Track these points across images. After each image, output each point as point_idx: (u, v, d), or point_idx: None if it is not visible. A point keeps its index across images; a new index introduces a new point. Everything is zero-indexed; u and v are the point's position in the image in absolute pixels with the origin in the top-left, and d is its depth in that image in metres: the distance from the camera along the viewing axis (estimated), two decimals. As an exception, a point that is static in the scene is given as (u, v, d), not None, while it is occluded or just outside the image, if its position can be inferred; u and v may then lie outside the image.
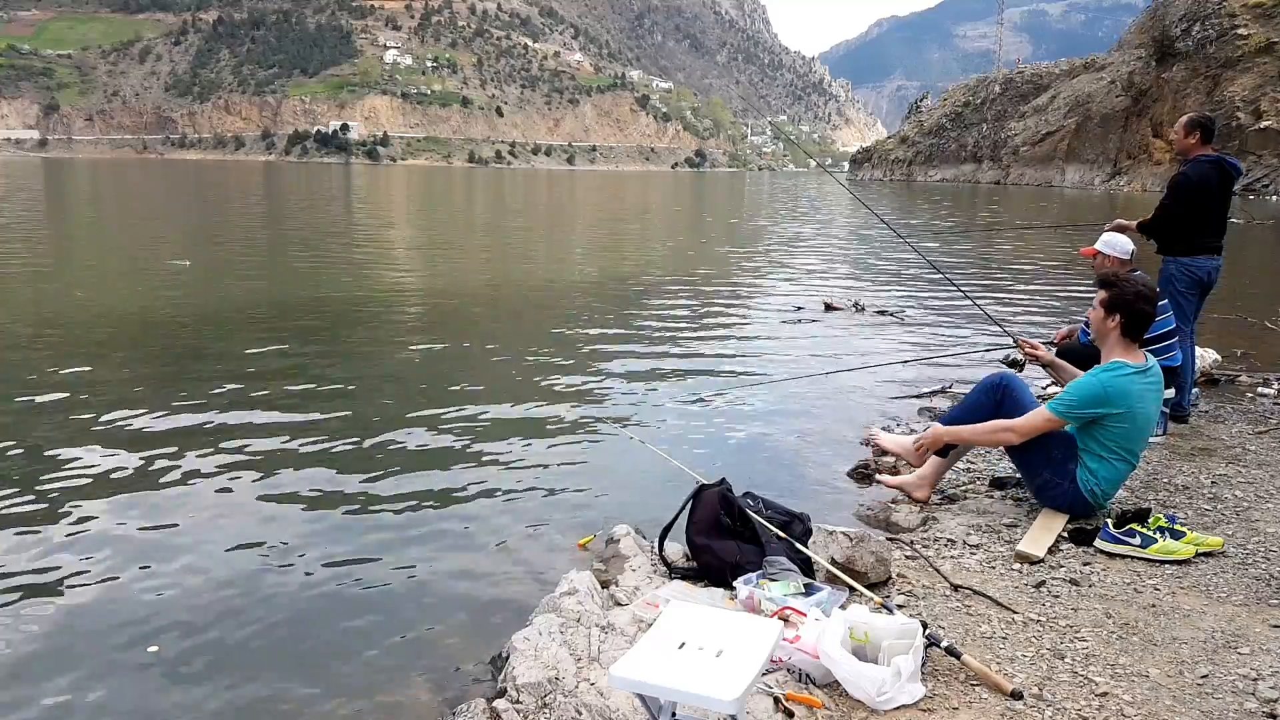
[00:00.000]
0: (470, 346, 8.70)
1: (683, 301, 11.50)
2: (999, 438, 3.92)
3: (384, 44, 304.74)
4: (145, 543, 4.00)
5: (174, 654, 3.13)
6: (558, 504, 4.51)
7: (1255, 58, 60.74)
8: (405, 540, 4.07)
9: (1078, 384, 3.81)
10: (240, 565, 3.80)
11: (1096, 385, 3.73)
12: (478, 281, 13.86)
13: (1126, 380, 3.73)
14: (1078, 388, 3.78)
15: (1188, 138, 5.55)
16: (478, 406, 6.26)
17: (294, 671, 3.06)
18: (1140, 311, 3.81)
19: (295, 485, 4.69)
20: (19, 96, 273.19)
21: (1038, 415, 3.82)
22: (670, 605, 2.46)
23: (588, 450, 5.37)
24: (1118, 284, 3.88)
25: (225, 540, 4.03)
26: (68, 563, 3.78)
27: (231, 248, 17.87)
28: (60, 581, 3.63)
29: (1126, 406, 3.72)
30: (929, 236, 23.75)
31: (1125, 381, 3.73)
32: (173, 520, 4.22)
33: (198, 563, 3.81)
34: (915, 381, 7.09)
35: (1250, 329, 9.31)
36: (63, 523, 4.16)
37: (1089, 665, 2.70)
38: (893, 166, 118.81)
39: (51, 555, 3.85)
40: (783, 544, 3.36)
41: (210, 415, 5.82)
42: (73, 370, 7.04)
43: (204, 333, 8.89)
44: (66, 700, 2.88)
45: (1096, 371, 3.82)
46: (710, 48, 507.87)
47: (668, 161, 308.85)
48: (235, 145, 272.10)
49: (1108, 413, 3.71)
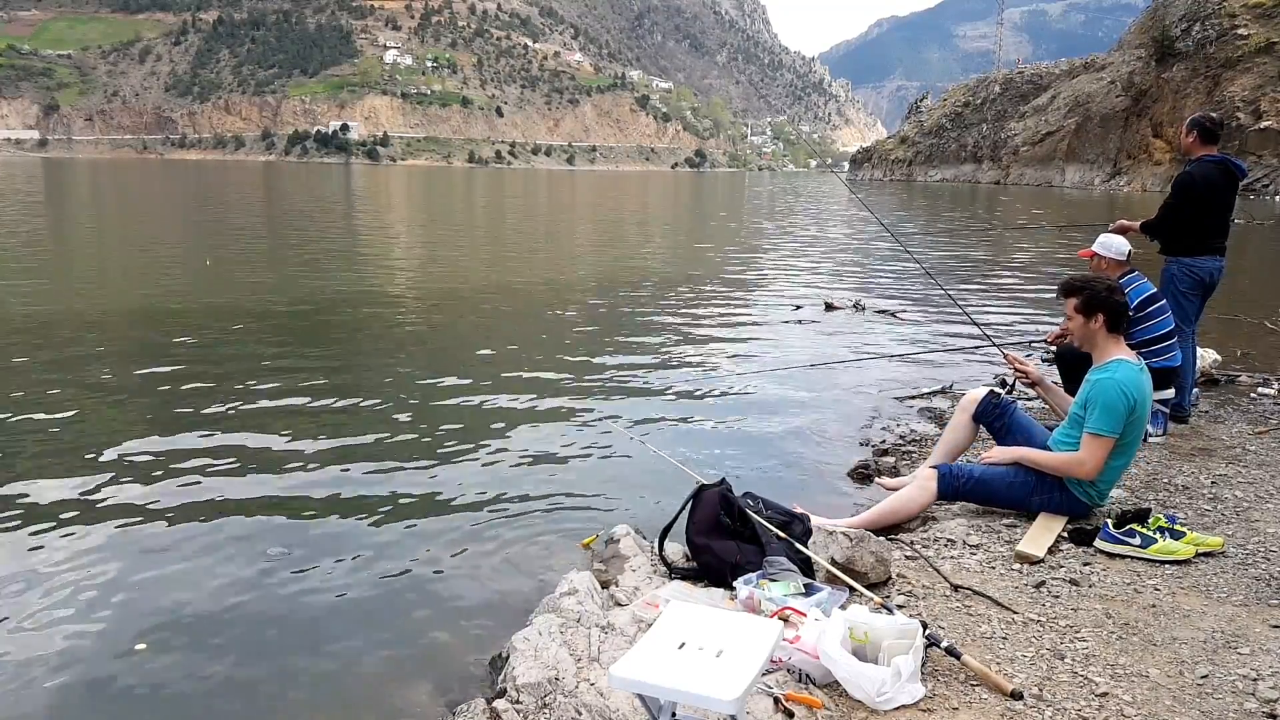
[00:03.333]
0: (469, 347, 8.70)
1: (683, 302, 11.50)
2: (1072, 471, 3.78)
3: (384, 44, 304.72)
4: (144, 542, 4.00)
5: (173, 653, 3.13)
6: (558, 504, 4.51)
7: (1255, 58, 60.70)
8: (405, 540, 4.07)
9: (1103, 394, 3.69)
10: (239, 565, 3.80)
11: (1119, 388, 3.66)
12: (477, 282, 13.86)
13: (1139, 376, 3.74)
14: (1107, 401, 3.67)
15: (1187, 137, 5.56)
16: (478, 407, 6.26)
17: (293, 671, 3.06)
18: (1117, 303, 3.82)
19: (294, 485, 4.69)
20: (19, 96, 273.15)
21: (1098, 445, 3.69)
22: (670, 605, 2.46)
23: (588, 450, 5.37)
24: (1085, 286, 3.87)
25: (224, 540, 4.03)
26: (66, 560, 3.78)
27: (236, 249, 17.85)
28: (58, 579, 3.62)
29: (1143, 401, 3.72)
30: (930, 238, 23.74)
31: (1139, 378, 3.73)
32: (171, 520, 4.22)
33: (196, 562, 3.81)
34: (915, 381, 7.09)
35: (1250, 329, 9.31)
36: (62, 521, 4.16)
37: (1089, 665, 2.70)
38: (893, 166, 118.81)
39: (50, 552, 3.85)
40: (783, 544, 3.36)
41: (210, 415, 5.82)
42: (74, 370, 7.05)
43: (205, 333, 8.88)
44: (60, 699, 2.88)
45: (1102, 377, 3.75)
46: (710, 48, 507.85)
47: (668, 161, 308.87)
48: (235, 145, 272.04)
49: (1133, 411, 3.67)
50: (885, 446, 5.49)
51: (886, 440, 5.62)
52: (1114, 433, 3.68)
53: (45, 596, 3.51)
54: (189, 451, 5.13)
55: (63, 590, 3.55)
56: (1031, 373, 4.58)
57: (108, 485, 4.62)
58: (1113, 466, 3.80)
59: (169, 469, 4.86)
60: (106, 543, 3.98)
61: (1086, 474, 3.74)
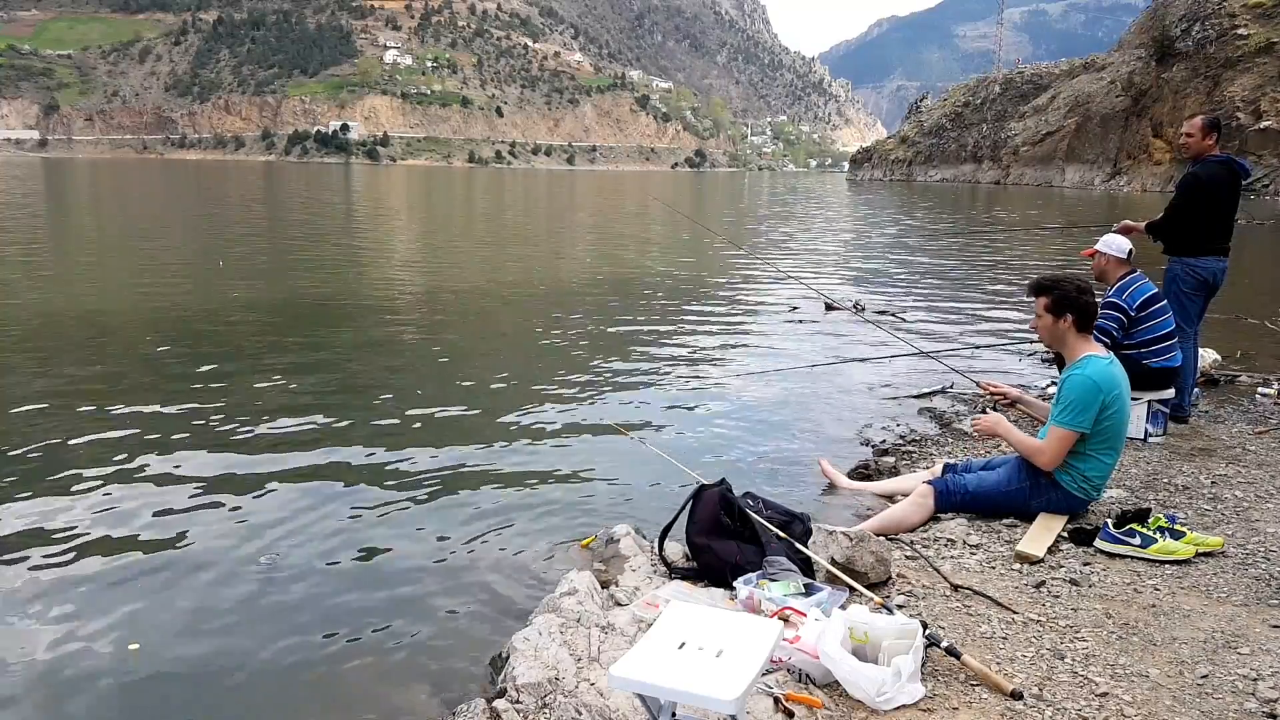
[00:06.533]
0: (469, 347, 8.70)
1: (683, 302, 11.50)
2: (1032, 456, 3.85)
3: (384, 44, 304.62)
4: (141, 540, 3.99)
5: (169, 654, 3.13)
6: (558, 504, 4.51)
7: (1255, 58, 60.67)
8: (405, 541, 4.07)
9: (1070, 390, 3.76)
10: (239, 564, 3.79)
11: (1087, 381, 3.71)
12: (477, 283, 13.86)
13: (1108, 368, 3.76)
14: (1072, 393, 3.74)
15: (1205, 139, 5.51)
16: (477, 407, 6.26)
17: (293, 671, 3.06)
18: (1086, 304, 3.85)
19: (294, 485, 4.69)
20: (19, 96, 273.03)
21: (1057, 438, 3.75)
22: (670, 605, 2.46)
23: (588, 450, 5.36)
24: (1055, 285, 3.90)
25: (223, 539, 4.03)
26: (63, 559, 3.78)
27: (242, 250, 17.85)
28: (55, 577, 3.62)
29: (1117, 392, 3.73)
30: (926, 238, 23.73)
31: (1108, 370, 3.75)
32: (171, 519, 4.22)
33: (193, 562, 3.81)
34: (915, 381, 7.09)
35: (1250, 329, 9.31)
36: (60, 518, 4.16)
37: (1089, 665, 2.69)
38: (893, 166, 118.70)
39: (47, 552, 3.85)
40: (783, 544, 3.36)
41: (210, 415, 5.82)
42: (78, 368, 7.05)
43: (209, 331, 8.88)
44: (55, 700, 2.87)
45: (1073, 373, 3.80)
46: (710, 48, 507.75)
47: (668, 161, 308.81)
48: (235, 145, 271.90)
49: (1108, 404, 3.70)
50: (885, 446, 5.49)
51: (886, 440, 5.62)
52: (1077, 425, 3.72)
53: (38, 597, 3.50)
54: (186, 449, 5.12)
55: (56, 591, 3.55)
56: (1010, 394, 4.61)
57: (106, 484, 4.61)
58: (1102, 461, 3.82)
59: (167, 467, 4.86)
60: (103, 538, 3.98)
61: (1044, 463, 3.81)
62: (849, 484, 4.67)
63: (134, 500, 4.44)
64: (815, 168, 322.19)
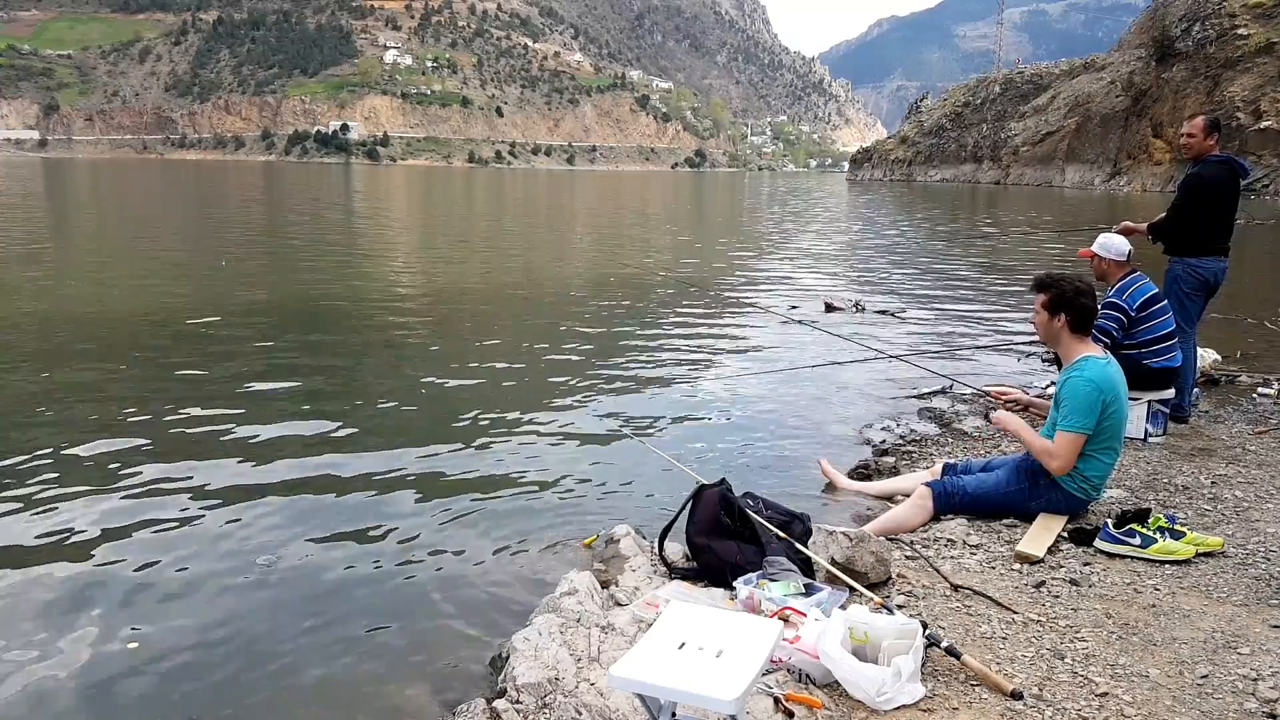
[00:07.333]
0: (469, 347, 8.69)
1: (683, 302, 11.50)
2: (1043, 459, 3.83)
3: (384, 44, 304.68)
4: (141, 540, 3.99)
5: (168, 653, 3.12)
6: (558, 504, 4.51)
7: (1255, 58, 60.68)
8: (405, 540, 4.07)
9: (1071, 394, 3.76)
10: (238, 564, 3.79)
11: (1087, 384, 3.72)
12: (477, 283, 13.87)
13: (1106, 369, 3.76)
14: (1074, 397, 3.74)
15: (1206, 139, 5.51)
16: (477, 407, 6.26)
17: (292, 671, 3.05)
18: (1083, 306, 3.85)
19: (294, 485, 4.69)
20: (19, 96, 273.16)
21: (1067, 443, 3.74)
22: (670, 605, 2.46)
23: (588, 451, 5.36)
24: (1054, 284, 3.90)
25: (220, 540, 4.02)
26: (60, 559, 3.77)
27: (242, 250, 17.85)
28: (55, 577, 3.62)
29: (1116, 392, 3.74)
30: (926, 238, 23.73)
31: (1106, 370, 3.76)
32: (170, 519, 4.22)
33: (192, 561, 3.80)
34: (915, 381, 7.09)
35: (1250, 329, 9.32)
36: (60, 517, 4.16)
37: (1089, 665, 2.69)
38: (893, 166, 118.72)
39: (44, 551, 3.85)
40: (783, 544, 3.36)
41: (211, 415, 5.81)
42: (78, 368, 7.05)
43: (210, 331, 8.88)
44: (52, 699, 2.87)
45: (1071, 375, 3.81)
46: (710, 48, 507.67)
47: (668, 161, 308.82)
48: (235, 145, 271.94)
49: (1107, 404, 3.71)
50: (885, 446, 5.48)
51: (886, 440, 5.61)
52: (1084, 429, 3.72)
53: (38, 598, 3.50)
54: (186, 449, 5.12)
55: (56, 591, 3.55)
56: (1021, 399, 4.60)
57: (103, 484, 4.61)
58: (1101, 461, 3.82)
59: (166, 466, 4.85)
60: (102, 537, 3.98)
61: (1055, 468, 3.80)
62: (849, 484, 4.67)
63: (133, 500, 4.44)
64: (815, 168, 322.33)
